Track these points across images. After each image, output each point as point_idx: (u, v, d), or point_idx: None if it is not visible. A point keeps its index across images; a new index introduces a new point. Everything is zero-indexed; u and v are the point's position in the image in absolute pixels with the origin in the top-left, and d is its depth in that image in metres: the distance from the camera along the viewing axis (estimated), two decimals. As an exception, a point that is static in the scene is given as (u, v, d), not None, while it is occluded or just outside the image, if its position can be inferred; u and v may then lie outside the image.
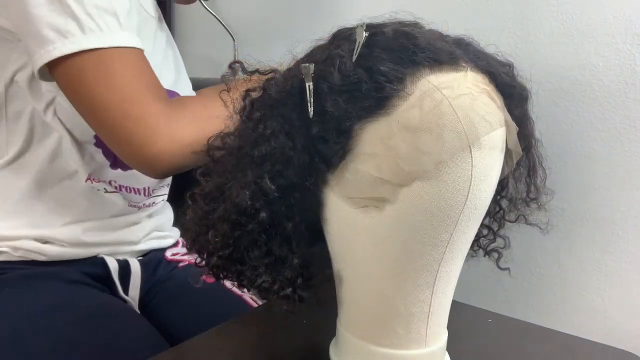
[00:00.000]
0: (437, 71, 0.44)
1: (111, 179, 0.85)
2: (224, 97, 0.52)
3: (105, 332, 0.75)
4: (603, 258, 0.87)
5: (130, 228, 0.91)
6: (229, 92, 0.52)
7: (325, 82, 0.45)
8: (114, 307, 0.82)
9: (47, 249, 0.82)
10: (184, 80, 0.98)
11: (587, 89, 0.85)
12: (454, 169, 0.43)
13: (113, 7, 0.68)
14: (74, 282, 0.82)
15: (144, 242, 0.94)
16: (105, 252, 0.88)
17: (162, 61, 0.91)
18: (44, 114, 0.78)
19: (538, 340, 0.67)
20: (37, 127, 0.80)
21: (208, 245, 0.50)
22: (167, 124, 0.68)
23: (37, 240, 0.82)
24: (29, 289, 0.78)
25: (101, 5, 0.67)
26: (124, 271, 0.89)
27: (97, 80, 0.67)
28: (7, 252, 0.81)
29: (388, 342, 0.50)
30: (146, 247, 0.95)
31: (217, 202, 0.49)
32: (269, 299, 0.51)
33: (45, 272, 0.81)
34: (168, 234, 1.00)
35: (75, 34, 0.66)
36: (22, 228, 0.81)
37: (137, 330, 0.79)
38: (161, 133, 0.67)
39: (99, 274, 0.86)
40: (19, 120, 0.79)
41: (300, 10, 1.19)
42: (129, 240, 0.91)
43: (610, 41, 0.82)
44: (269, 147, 0.46)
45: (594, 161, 0.86)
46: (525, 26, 0.89)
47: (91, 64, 0.67)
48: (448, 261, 0.48)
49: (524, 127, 0.51)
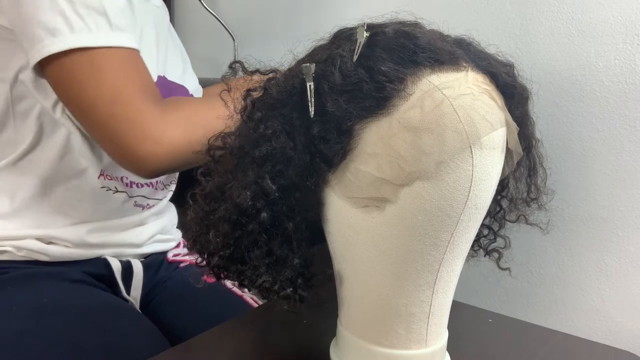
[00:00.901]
0: (438, 71, 0.44)
1: (123, 174, 0.85)
2: (225, 97, 0.52)
3: (108, 331, 0.75)
4: (603, 258, 0.87)
5: (135, 229, 0.91)
6: (229, 92, 0.52)
7: (326, 82, 0.45)
8: (117, 307, 0.82)
9: (51, 249, 0.82)
10: (190, 74, 0.97)
11: (587, 89, 0.85)
12: (454, 169, 0.43)
13: (103, 6, 0.68)
14: (76, 282, 0.82)
15: (148, 245, 0.94)
16: (108, 254, 0.88)
17: (168, 52, 0.91)
18: (53, 112, 0.77)
19: (538, 340, 0.67)
20: (46, 125, 0.79)
21: (209, 245, 0.50)
22: (156, 126, 0.68)
23: (41, 240, 0.81)
24: (32, 288, 0.77)
25: (91, 4, 0.67)
26: (126, 272, 0.89)
27: (86, 80, 0.67)
28: (10, 251, 0.80)
29: (388, 342, 0.50)
30: (149, 250, 0.95)
31: (218, 202, 0.49)
32: (269, 298, 0.51)
33: (48, 271, 0.81)
34: (171, 237, 1.00)
35: (64, 32, 0.66)
36: (26, 228, 0.81)
37: (140, 330, 0.79)
38: (149, 135, 0.67)
39: (101, 274, 0.86)
40: (27, 118, 0.79)
41: (300, 10, 1.19)
42: (133, 243, 0.91)
43: (610, 41, 0.82)
44: (269, 147, 0.46)
45: (594, 161, 0.86)
46: (525, 26, 0.89)
47: (80, 63, 0.67)
48: (449, 261, 0.48)
49: (524, 127, 0.51)
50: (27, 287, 0.78)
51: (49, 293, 0.77)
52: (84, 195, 0.83)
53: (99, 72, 0.67)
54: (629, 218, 0.84)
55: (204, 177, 0.52)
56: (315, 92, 0.45)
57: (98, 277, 0.85)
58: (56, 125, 0.79)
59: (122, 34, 0.70)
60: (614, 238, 0.86)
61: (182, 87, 0.90)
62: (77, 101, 0.69)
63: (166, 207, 0.99)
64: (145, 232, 0.93)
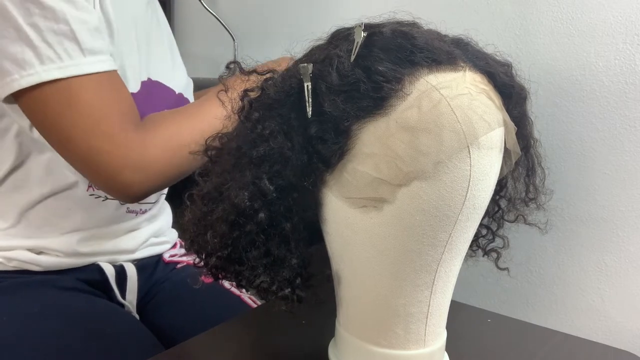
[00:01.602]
0: (435, 71, 0.44)
1: None
2: (222, 97, 0.52)
3: (100, 336, 0.74)
4: (603, 258, 0.87)
5: (128, 235, 0.89)
6: (227, 92, 0.52)
7: (324, 82, 0.45)
8: (110, 312, 0.81)
9: (42, 259, 0.80)
10: (179, 67, 0.94)
11: (587, 89, 0.85)
12: (452, 169, 0.43)
13: (73, 30, 0.65)
14: (69, 289, 0.80)
15: (142, 250, 0.92)
16: (102, 260, 0.86)
17: (153, 48, 0.87)
18: (31, 131, 0.74)
19: (538, 340, 0.67)
20: (26, 144, 0.77)
21: (207, 246, 0.50)
22: (136, 154, 0.66)
23: (32, 250, 0.80)
24: (24, 297, 0.76)
25: (60, 30, 0.64)
26: (120, 276, 0.88)
27: (60, 113, 0.65)
28: (0, 262, 0.79)
29: (387, 342, 0.50)
30: (143, 254, 0.93)
31: (216, 202, 0.49)
32: (267, 299, 0.51)
33: (40, 280, 0.79)
34: (165, 240, 0.98)
35: (33, 64, 0.63)
36: (16, 238, 0.79)
37: (132, 335, 0.78)
38: (129, 164, 0.66)
39: (95, 279, 0.85)
40: (6, 137, 0.76)
41: (300, 10, 1.19)
42: (126, 249, 0.89)
43: (610, 41, 0.82)
44: (267, 148, 0.46)
45: (594, 161, 0.86)
46: (525, 26, 0.89)
47: (53, 95, 0.64)
48: (447, 261, 0.48)
49: (522, 127, 0.51)
50: (19, 295, 0.76)
51: (41, 301, 0.76)
52: (74, 204, 0.81)
53: (73, 104, 0.65)
54: (629, 218, 0.84)
55: (202, 177, 0.52)
56: (313, 92, 0.45)
57: (92, 283, 0.84)
58: (38, 144, 0.76)
59: (96, 57, 0.67)
60: (614, 238, 0.86)
61: (168, 90, 0.86)
62: (53, 133, 0.67)
63: (160, 210, 0.97)
64: (139, 237, 0.91)
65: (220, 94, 0.53)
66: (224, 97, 0.51)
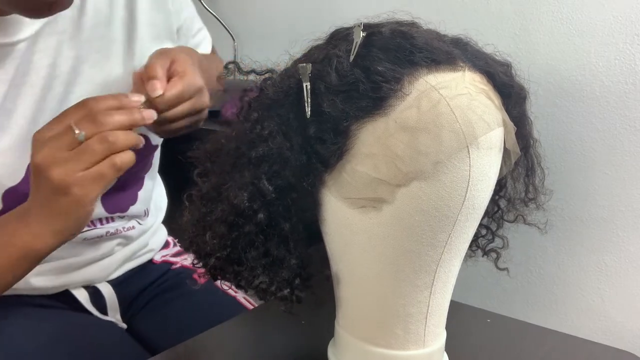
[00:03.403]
0: (434, 71, 0.44)
1: None
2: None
3: (79, 350, 0.73)
4: (603, 258, 0.87)
5: (97, 264, 0.82)
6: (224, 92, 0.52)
7: (323, 82, 0.44)
8: (88, 325, 0.79)
9: (8, 293, 0.68)
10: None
11: (587, 89, 0.85)
12: (451, 169, 0.43)
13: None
14: (45, 307, 0.78)
15: (118, 271, 0.86)
16: (72, 287, 0.81)
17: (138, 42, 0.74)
18: None
19: (537, 340, 0.67)
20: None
21: (205, 247, 0.50)
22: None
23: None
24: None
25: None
26: (95, 297, 0.83)
27: None
28: None
29: (386, 343, 0.50)
30: (120, 273, 0.87)
31: (215, 203, 0.49)
32: (266, 299, 0.51)
33: (14, 300, 0.75)
34: (148, 249, 0.91)
35: None
36: None
37: (115, 344, 0.77)
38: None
39: (69, 302, 0.81)
40: None
41: (299, 10, 1.19)
42: (99, 276, 0.83)
43: (610, 41, 0.82)
44: (266, 148, 0.46)
45: (594, 161, 0.86)
46: (525, 26, 0.89)
47: None
48: (446, 261, 0.48)
49: (522, 126, 0.51)
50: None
51: (15, 319, 0.73)
52: None
53: None
54: (629, 218, 0.84)
55: (201, 178, 0.52)
56: (312, 93, 0.45)
57: (67, 303, 0.81)
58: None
59: None
60: (614, 238, 0.86)
61: None
62: None
63: (140, 232, 0.89)
64: (112, 263, 0.84)
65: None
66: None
